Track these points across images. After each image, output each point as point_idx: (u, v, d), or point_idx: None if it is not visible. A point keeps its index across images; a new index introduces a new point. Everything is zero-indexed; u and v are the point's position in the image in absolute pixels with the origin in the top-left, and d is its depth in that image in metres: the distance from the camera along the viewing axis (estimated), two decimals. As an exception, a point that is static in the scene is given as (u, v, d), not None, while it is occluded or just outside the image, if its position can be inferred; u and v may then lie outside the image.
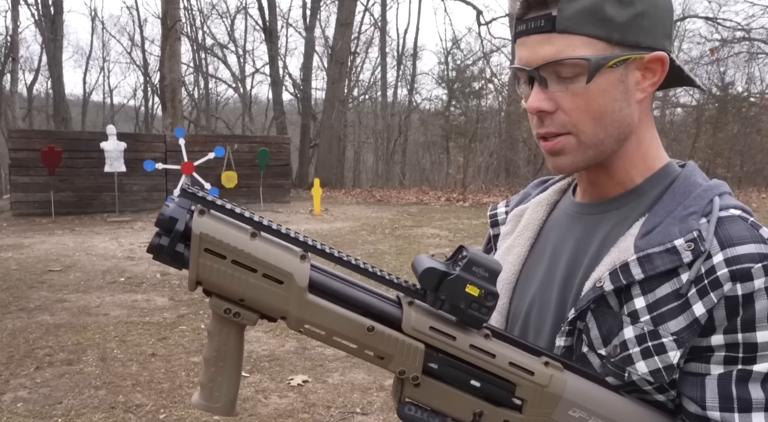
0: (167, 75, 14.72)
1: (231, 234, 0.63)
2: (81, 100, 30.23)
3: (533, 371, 0.68)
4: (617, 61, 0.73)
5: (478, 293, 0.65)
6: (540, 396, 0.69)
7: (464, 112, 21.10)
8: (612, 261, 0.77)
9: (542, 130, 0.79)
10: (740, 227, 0.72)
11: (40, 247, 8.19)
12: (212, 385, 0.71)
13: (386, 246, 8.47)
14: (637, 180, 0.82)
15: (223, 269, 0.63)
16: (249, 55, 31.68)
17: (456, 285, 0.65)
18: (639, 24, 0.73)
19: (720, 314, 0.69)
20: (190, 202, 0.65)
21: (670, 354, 0.71)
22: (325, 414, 3.29)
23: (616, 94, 0.75)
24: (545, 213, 0.94)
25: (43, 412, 3.27)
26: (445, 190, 17.35)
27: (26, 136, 12.29)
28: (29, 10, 30.81)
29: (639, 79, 0.76)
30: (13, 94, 21.15)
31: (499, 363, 0.68)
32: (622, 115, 0.76)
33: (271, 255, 0.64)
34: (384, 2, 23.99)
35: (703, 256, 0.70)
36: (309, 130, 21.56)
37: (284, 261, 0.64)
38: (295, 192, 16.54)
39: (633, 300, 0.74)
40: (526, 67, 0.76)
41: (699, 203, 0.76)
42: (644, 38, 0.74)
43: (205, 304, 5.42)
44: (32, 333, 4.57)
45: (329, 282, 0.68)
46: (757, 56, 18.03)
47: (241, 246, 0.63)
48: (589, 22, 0.72)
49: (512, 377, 0.68)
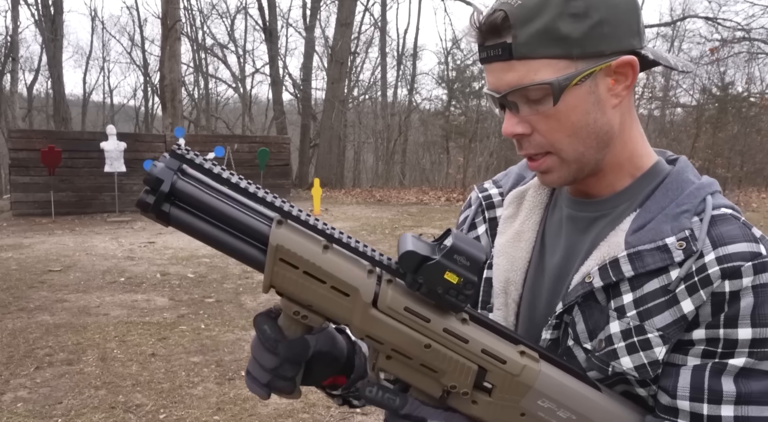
0: (167, 75, 14.72)
1: (305, 247, 0.66)
2: (81, 100, 30.23)
3: (505, 360, 0.69)
4: (581, 77, 0.72)
5: (457, 281, 0.65)
6: (510, 384, 0.69)
7: (464, 112, 21.10)
8: (602, 256, 0.76)
9: (522, 152, 0.79)
10: (732, 226, 0.72)
11: (40, 247, 8.19)
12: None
13: (386, 247, 8.47)
14: (626, 181, 0.81)
15: (294, 278, 0.66)
16: (249, 55, 31.71)
17: (435, 271, 0.65)
18: (599, 33, 0.71)
19: (705, 310, 0.69)
20: (178, 163, 0.65)
21: (655, 350, 0.71)
22: (325, 414, 3.29)
23: (587, 107, 0.74)
24: (548, 196, 0.91)
25: (43, 412, 3.27)
26: (445, 190, 17.35)
27: (26, 136, 12.29)
28: (29, 10, 30.86)
29: (611, 86, 0.74)
30: (13, 94, 21.16)
31: (471, 348, 0.68)
32: (598, 126, 0.75)
33: (340, 269, 0.66)
34: (384, 2, 23.99)
35: (695, 255, 0.70)
36: (309, 130, 21.56)
37: (352, 277, 0.66)
38: (295, 192, 16.54)
39: (621, 296, 0.74)
40: (495, 93, 0.76)
41: (692, 201, 0.75)
42: (607, 46, 0.72)
43: (205, 304, 5.42)
44: (32, 333, 4.57)
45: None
46: (757, 56, 18.04)
47: (313, 260, 0.66)
48: (545, 44, 0.71)
49: (484, 363, 0.68)
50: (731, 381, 0.68)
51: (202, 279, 6.43)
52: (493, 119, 21.74)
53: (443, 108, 22.11)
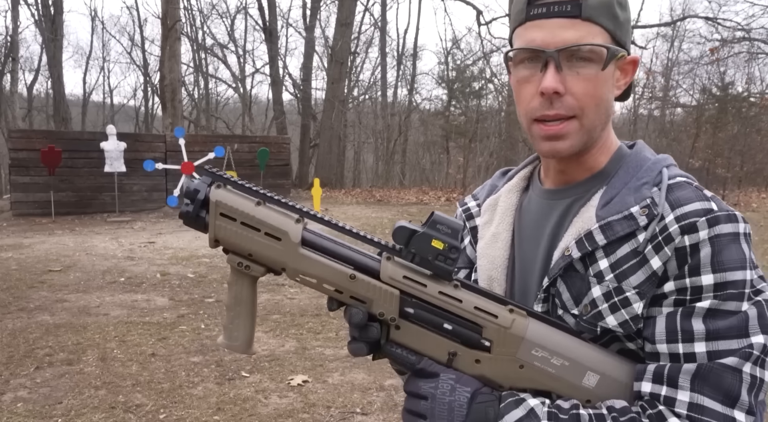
0: (167, 75, 14.72)
1: (240, 202, 0.79)
2: (81, 100, 30.23)
3: (496, 314, 0.77)
4: (622, 55, 0.83)
5: (443, 246, 0.75)
6: (504, 337, 0.77)
7: (464, 112, 21.09)
8: (577, 231, 0.85)
9: (551, 112, 0.82)
10: (687, 190, 0.81)
11: (40, 247, 8.19)
12: (231, 327, 0.85)
13: (386, 246, 8.47)
14: (601, 164, 0.90)
15: (234, 229, 0.78)
16: (249, 55, 31.70)
17: (423, 240, 0.75)
18: (627, 28, 0.84)
19: (672, 265, 0.77)
20: (210, 179, 0.80)
21: (634, 306, 0.79)
22: (325, 414, 3.29)
23: (610, 85, 0.84)
24: (517, 199, 1.00)
25: (43, 412, 3.27)
26: (445, 190, 17.34)
27: (26, 136, 12.29)
28: (29, 10, 30.85)
29: (618, 76, 0.86)
30: (13, 94, 21.16)
31: (465, 307, 0.77)
32: (609, 106, 0.86)
33: (271, 217, 0.78)
34: (384, 2, 23.99)
35: (657, 218, 0.79)
36: (309, 130, 21.55)
37: (281, 223, 0.78)
38: (295, 192, 16.54)
39: (597, 263, 0.82)
40: (544, 49, 0.80)
41: (649, 175, 0.84)
42: (627, 40, 0.85)
43: (205, 304, 5.42)
44: (32, 333, 4.57)
45: (320, 241, 0.80)
46: (757, 56, 18.04)
47: (247, 211, 0.78)
48: (606, 15, 0.80)
49: (478, 319, 0.77)
50: (700, 322, 0.75)
51: (202, 279, 6.43)
52: (493, 119, 21.74)
53: (443, 108, 22.11)
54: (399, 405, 3.38)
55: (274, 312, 5.19)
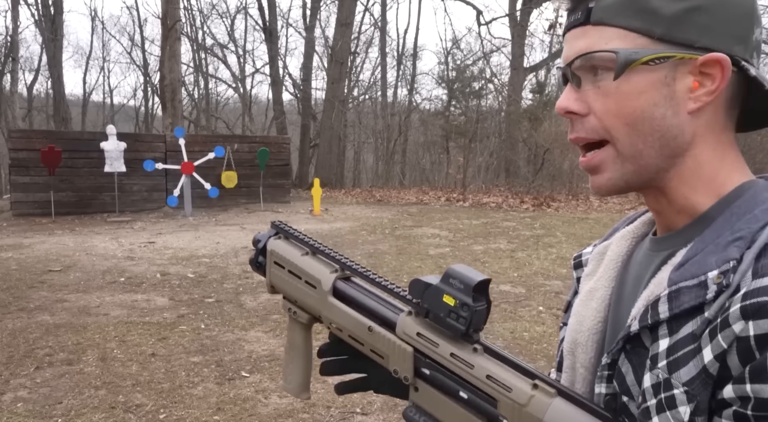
0: (167, 75, 14.72)
1: (290, 251, 0.86)
2: (81, 100, 30.25)
3: (511, 387, 0.66)
4: (655, 57, 0.63)
5: (454, 303, 0.68)
6: (519, 416, 0.65)
7: (464, 112, 21.11)
8: (647, 297, 0.66)
9: (572, 135, 0.70)
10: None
11: (40, 247, 8.20)
12: (287, 371, 0.90)
13: (386, 246, 8.47)
14: (701, 207, 0.67)
15: (283, 276, 0.86)
16: (249, 55, 31.70)
17: (435, 295, 0.70)
18: (692, 20, 0.62)
19: (734, 361, 0.55)
20: (275, 231, 0.89)
21: (680, 409, 0.58)
22: (325, 414, 3.29)
23: (656, 98, 0.64)
24: (628, 248, 0.79)
25: (43, 412, 3.27)
26: (445, 190, 17.35)
27: (26, 136, 12.30)
28: (29, 10, 30.86)
29: (692, 87, 0.64)
30: (13, 94, 21.17)
31: (477, 374, 0.68)
32: (666, 125, 0.64)
33: (312, 267, 0.83)
34: (384, 2, 24.01)
35: (729, 290, 0.56)
36: (309, 130, 21.56)
37: (318, 272, 0.83)
38: (295, 192, 16.55)
39: (658, 341, 0.62)
40: (560, 65, 0.70)
41: (751, 226, 0.60)
42: (698, 36, 0.62)
43: (205, 304, 5.42)
44: (32, 333, 4.57)
45: (350, 291, 0.81)
46: (757, 56, 18.03)
47: (293, 260, 0.85)
48: (626, 13, 0.64)
49: (491, 391, 0.67)
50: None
51: (202, 279, 6.43)
52: (493, 119, 21.75)
53: (443, 108, 22.13)
54: (399, 405, 3.38)
55: (274, 312, 5.19)
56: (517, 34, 20.07)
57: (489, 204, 14.05)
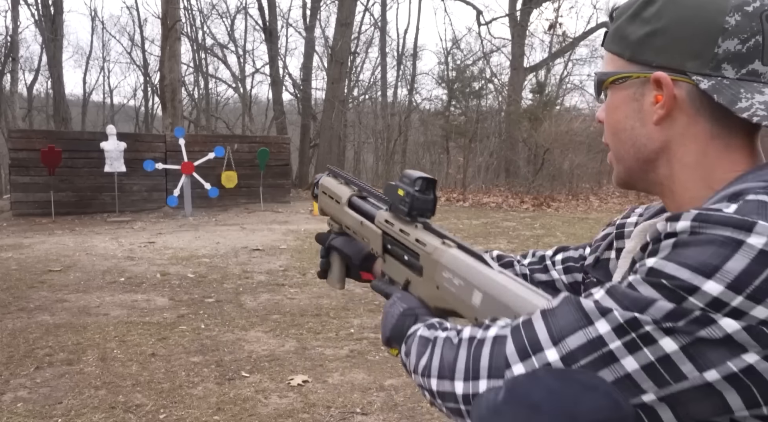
0: (167, 75, 14.72)
1: (331, 182, 1.19)
2: (81, 100, 30.23)
3: (426, 243, 0.90)
4: (619, 77, 0.75)
5: (402, 193, 0.93)
6: (428, 262, 0.90)
7: (464, 112, 21.11)
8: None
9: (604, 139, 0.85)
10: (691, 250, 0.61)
11: (40, 247, 8.20)
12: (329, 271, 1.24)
13: (386, 246, 8.47)
14: (698, 203, 0.72)
15: (325, 199, 1.20)
16: (249, 55, 31.64)
17: (392, 190, 0.96)
18: (651, 42, 0.72)
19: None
20: (328, 172, 1.23)
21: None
22: (325, 414, 3.29)
23: (628, 111, 0.76)
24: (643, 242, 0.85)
25: (43, 412, 3.27)
26: (445, 190, 17.34)
27: (26, 136, 12.30)
28: (29, 10, 30.80)
29: (653, 101, 0.73)
30: (13, 94, 21.16)
31: (410, 239, 0.94)
32: (635, 135, 0.75)
33: (339, 190, 1.16)
34: (384, 2, 24.00)
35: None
36: (309, 130, 21.55)
37: (342, 192, 1.15)
38: (295, 192, 16.54)
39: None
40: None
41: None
42: (655, 57, 0.72)
43: (205, 304, 5.42)
44: (32, 333, 4.57)
45: (358, 202, 1.12)
46: (757, 56, 18.03)
47: (331, 187, 1.18)
48: (614, 39, 0.77)
49: (416, 248, 0.93)
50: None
51: (202, 279, 6.43)
52: (493, 119, 21.74)
53: (443, 108, 22.12)
54: (399, 405, 3.38)
55: (274, 312, 5.19)
56: (517, 34, 20.07)
57: (489, 204, 14.05)
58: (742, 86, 0.68)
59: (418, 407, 3.36)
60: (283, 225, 10.71)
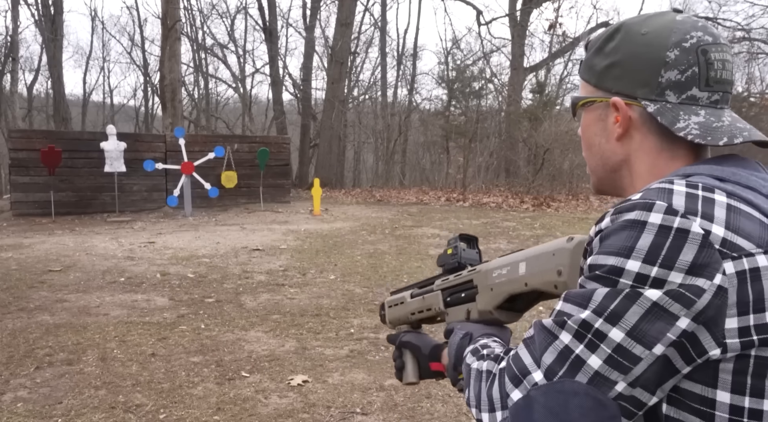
0: (167, 75, 14.72)
1: (395, 296, 1.34)
2: (81, 100, 30.24)
3: (475, 268, 1.09)
4: (586, 101, 0.90)
5: (450, 251, 1.17)
6: (480, 277, 1.06)
7: (464, 112, 21.11)
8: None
9: None
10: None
11: (40, 247, 8.19)
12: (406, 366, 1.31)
13: (386, 246, 8.47)
14: None
15: (393, 310, 1.34)
16: (249, 55, 31.68)
17: (444, 253, 1.18)
18: (610, 72, 0.86)
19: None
20: (390, 292, 1.41)
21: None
22: (325, 414, 3.29)
23: (596, 130, 0.90)
24: None
25: (43, 412, 3.27)
26: (445, 190, 17.34)
27: (26, 136, 12.29)
28: (29, 10, 30.83)
29: (614, 121, 0.87)
30: (13, 94, 21.16)
31: (463, 274, 1.11)
32: (602, 149, 0.90)
33: (400, 295, 1.32)
34: (384, 2, 24.00)
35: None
36: (309, 130, 21.56)
37: (403, 294, 1.31)
38: (295, 192, 16.54)
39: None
40: None
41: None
42: (613, 85, 0.86)
43: (205, 304, 5.42)
44: (32, 333, 4.57)
45: (417, 292, 1.28)
46: (757, 56, 18.04)
47: (394, 298, 1.34)
48: (584, 68, 0.92)
49: (469, 277, 1.09)
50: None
51: (202, 279, 6.43)
52: (493, 119, 21.73)
53: (443, 108, 22.12)
54: (399, 405, 3.38)
55: (274, 312, 5.19)
56: (517, 34, 20.07)
57: (489, 204, 14.04)
58: (682, 109, 0.81)
59: (418, 407, 3.36)
60: (283, 225, 10.71)
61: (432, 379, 1.22)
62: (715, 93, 0.82)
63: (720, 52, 0.82)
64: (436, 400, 3.44)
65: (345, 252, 8.04)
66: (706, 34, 0.81)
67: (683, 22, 0.82)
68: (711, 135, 0.80)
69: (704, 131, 0.80)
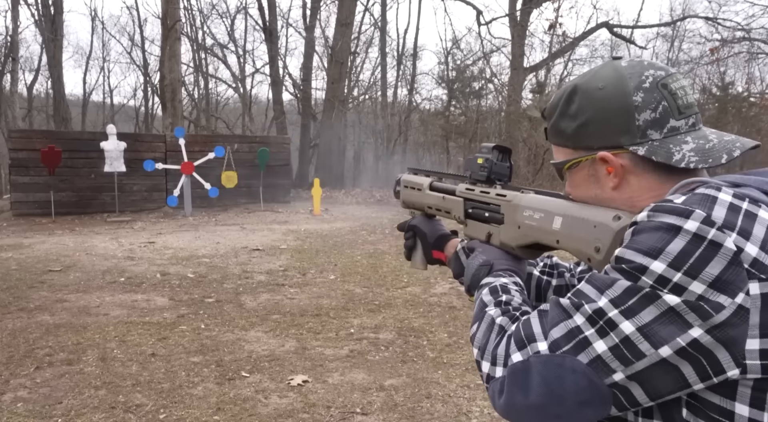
0: (167, 75, 14.71)
1: (410, 177, 1.37)
2: (81, 100, 30.20)
3: (506, 194, 1.07)
4: (572, 163, 0.92)
5: (482, 161, 1.12)
6: (509, 208, 1.05)
7: (464, 112, 21.10)
8: None
9: None
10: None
11: (40, 247, 8.19)
12: (413, 255, 1.37)
13: (386, 246, 8.47)
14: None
15: (407, 191, 1.36)
16: (249, 55, 31.65)
17: (473, 161, 1.13)
18: (584, 132, 0.89)
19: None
20: (408, 170, 1.40)
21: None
22: (325, 414, 3.29)
23: (589, 185, 0.92)
24: None
25: (43, 412, 3.27)
26: (445, 190, 17.32)
27: (26, 136, 12.29)
28: (29, 10, 30.79)
29: (607, 172, 0.89)
30: (13, 94, 21.14)
31: (492, 195, 1.09)
32: (601, 199, 0.91)
33: (419, 180, 1.33)
34: (384, 2, 23.98)
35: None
36: (309, 130, 21.55)
37: (421, 181, 1.32)
38: (295, 192, 16.54)
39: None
40: None
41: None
42: (593, 141, 0.89)
43: (205, 304, 5.42)
44: (32, 333, 4.57)
45: (438, 185, 1.29)
46: (757, 56, 18.01)
47: (412, 179, 1.35)
48: (555, 135, 0.95)
49: (498, 201, 1.08)
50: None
51: (202, 279, 6.43)
52: (493, 119, 21.72)
53: (443, 108, 22.11)
54: (399, 405, 3.38)
55: (274, 312, 5.19)
56: (517, 34, 20.06)
57: (489, 204, 14.03)
58: (670, 142, 0.84)
59: (418, 407, 3.36)
60: (283, 225, 10.71)
61: (436, 265, 1.33)
62: (689, 117, 0.86)
63: (676, 81, 0.86)
64: (436, 400, 3.44)
65: (345, 252, 8.04)
66: (657, 70, 0.86)
67: (631, 67, 0.87)
68: (710, 157, 0.82)
69: (702, 156, 0.83)
